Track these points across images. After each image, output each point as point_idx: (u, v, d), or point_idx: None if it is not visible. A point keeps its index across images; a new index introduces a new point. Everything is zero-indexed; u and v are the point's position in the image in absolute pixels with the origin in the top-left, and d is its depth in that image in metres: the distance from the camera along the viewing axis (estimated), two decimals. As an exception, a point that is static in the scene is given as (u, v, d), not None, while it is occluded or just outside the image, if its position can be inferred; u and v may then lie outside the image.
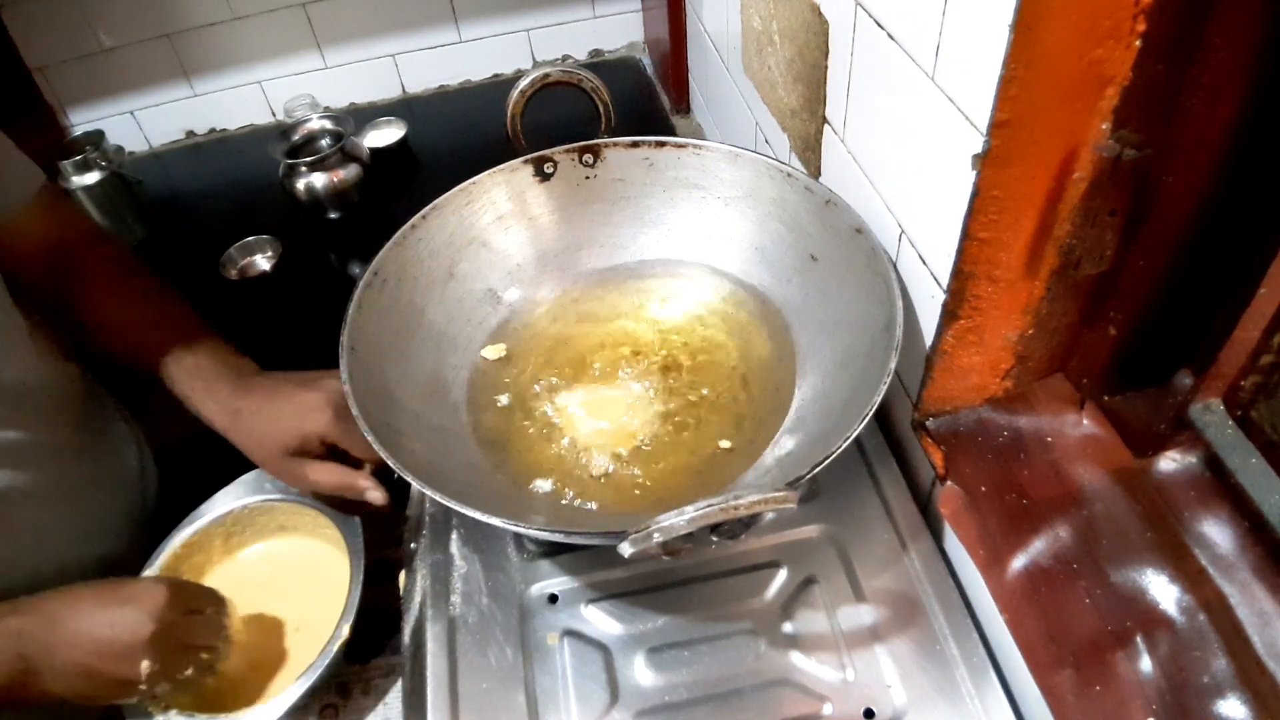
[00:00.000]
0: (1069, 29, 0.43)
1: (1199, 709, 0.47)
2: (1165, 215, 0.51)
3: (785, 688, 0.60)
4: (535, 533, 0.58)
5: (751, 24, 0.85)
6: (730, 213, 0.78)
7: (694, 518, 0.45)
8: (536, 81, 0.75)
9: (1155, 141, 0.48)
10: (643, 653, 0.62)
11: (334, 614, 0.68)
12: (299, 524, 0.77)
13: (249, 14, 1.23)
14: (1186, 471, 0.54)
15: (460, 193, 0.76)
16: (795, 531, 0.68)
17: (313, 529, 0.77)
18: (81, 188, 1.10)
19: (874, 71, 0.60)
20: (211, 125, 1.35)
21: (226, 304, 1.05)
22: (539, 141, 0.78)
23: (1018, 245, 0.53)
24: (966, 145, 0.49)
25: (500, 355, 0.75)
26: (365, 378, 0.64)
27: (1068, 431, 0.60)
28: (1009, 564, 0.55)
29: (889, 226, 0.64)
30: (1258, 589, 0.48)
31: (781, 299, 0.75)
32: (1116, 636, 0.50)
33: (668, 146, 0.78)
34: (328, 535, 0.76)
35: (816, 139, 0.74)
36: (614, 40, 1.42)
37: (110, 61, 1.23)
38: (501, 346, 0.76)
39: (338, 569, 0.73)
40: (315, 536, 0.77)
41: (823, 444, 0.57)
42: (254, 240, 1.10)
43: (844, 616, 0.63)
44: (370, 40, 1.31)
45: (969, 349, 0.59)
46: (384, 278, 0.71)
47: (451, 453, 0.67)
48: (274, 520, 0.77)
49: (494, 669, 0.62)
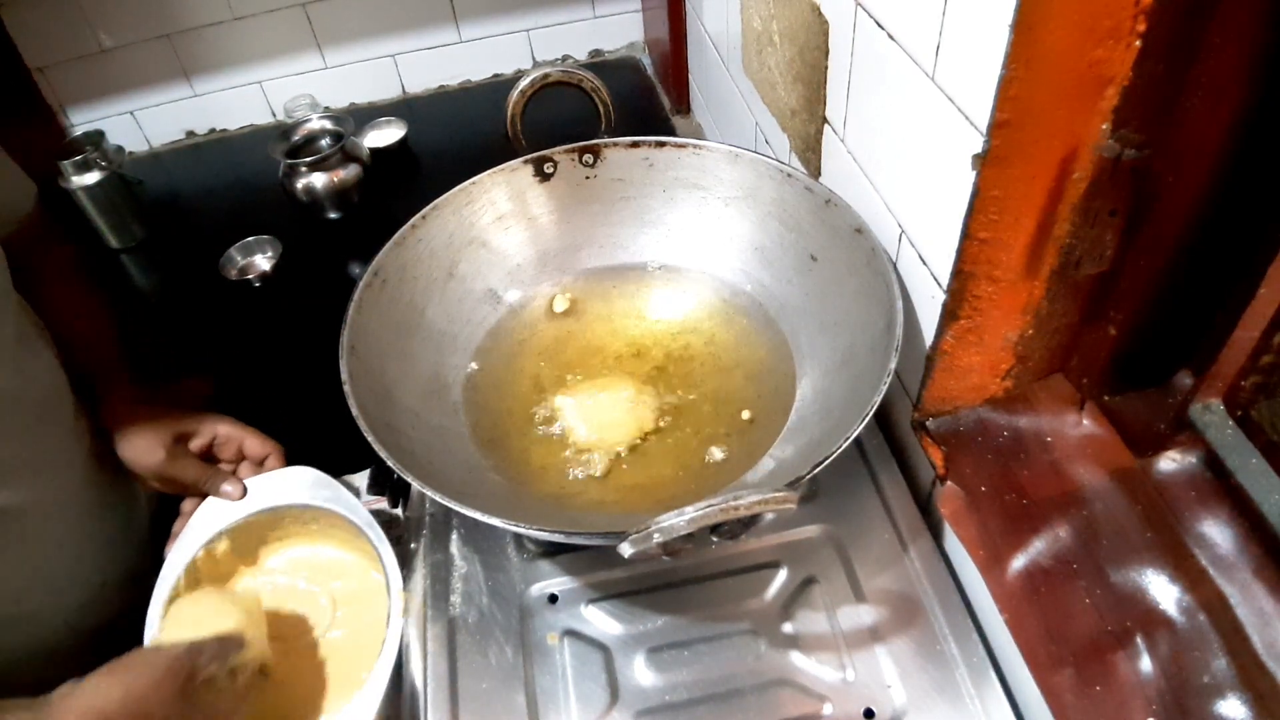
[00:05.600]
0: (1069, 29, 0.43)
1: (1199, 709, 0.47)
2: (1165, 215, 0.51)
3: (785, 688, 0.60)
4: (535, 533, 0.58)
5: (751, 24, 0.85)
6: (730, 213, 0.78)
7: (694, 518, 0.45)
8: (536, 81, 0.75)
9: (1155, 141, 0.48)
10: (643, 653, 0.62)
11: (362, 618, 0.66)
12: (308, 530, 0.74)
13: (249, 14, 1.23)
14: (1186, 471, 0.54)
15: (460, 193, 0.76)
16: (795, 531, 0.68)
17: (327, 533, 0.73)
18: (81, 188, 1.09)
19: (874, 71, 0.60)
20: (211, 125, 1.35)
21: (226, 304, 1.05)
22: (539, 141, 0.78)
23: (1018, 245, 0.53)
24: (966, 145, 0.49)
25: (565, 307, 0.79)
26: (365, 378, 0.64)
27: (1068, 431, 0.60)
28: (1009, 564, 0.55)
29: (889, 226, 0.64)
30: (1258, 589, 0.48)
31: (781, 299, 0.75)
32: (1116, 636, 0.50)
33: (668, 146, 0.78)
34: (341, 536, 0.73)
35: (816, 139, 0.74)
36: (614, 40, 1.42)
37: (110, 61, 1.22)
38: (568, 296, 0.80)
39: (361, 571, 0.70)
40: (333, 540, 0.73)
41: (823, 444, 0.57)
42: (254, 240, 1.10)
43: (844, 616, 0.63)
44: (370, 40, 1.31)
45: (969, 349, 0.59)
46: (384, 278, 0.71)
47: (451, 453, 0.67)
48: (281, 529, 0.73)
49: (494, 669, 0.62)
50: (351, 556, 0.72)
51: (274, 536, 0.74)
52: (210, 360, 0.99)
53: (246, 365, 0.99)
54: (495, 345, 0.77)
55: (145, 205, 1.18)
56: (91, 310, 0.80)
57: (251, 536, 0.72)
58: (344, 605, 0.69)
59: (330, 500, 0.70)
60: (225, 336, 1.03)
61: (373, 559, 0.68)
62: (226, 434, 0.74)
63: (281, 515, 0.72)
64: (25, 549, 0.67)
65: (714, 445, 0.69)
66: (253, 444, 0.74)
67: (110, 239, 1.15)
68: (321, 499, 0.71)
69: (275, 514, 0.72)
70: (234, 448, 0.75)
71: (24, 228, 0.76)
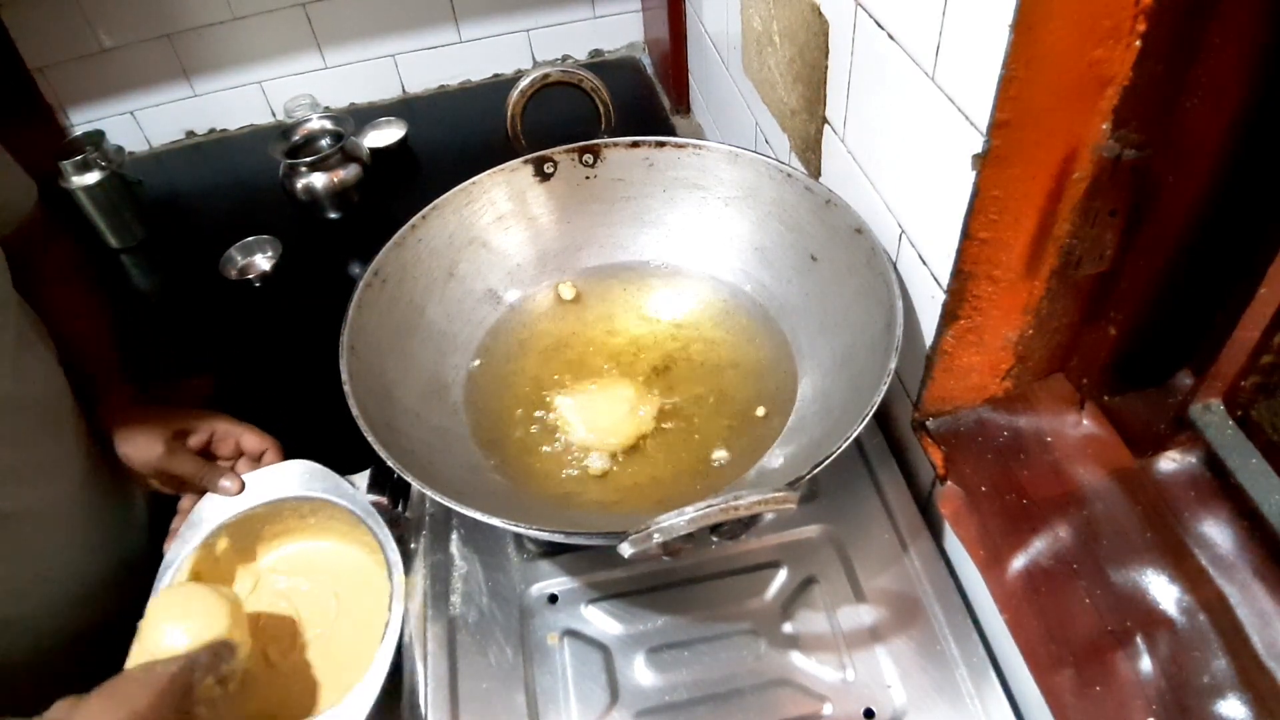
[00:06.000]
0: (1069, 29, 0.43)
1: (1199, 709, 0.47)
2: (1165, 215, 0.51)
3: (785, 688, 0.60)
4: (535, 533, 0.58)
5: (751, 24, 0.85)
6: (730, 213, 0.78)
7: (694, 518, 0.45)
8: (536, 81, 0.75)
9: (1155, 141, 0.48)
10: (643, 653, 0.62)
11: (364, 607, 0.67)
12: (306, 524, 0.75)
13: (249, 14, 1.23)
14: (1186, 471, 0.54)
15: (460, 193, 0.76)
16: (795, 531, 0.68)
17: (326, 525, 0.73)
18: (81, 188, 1.09)
19: (874, 71, 0.60)
20: (211, 125, 1.35)
21: (226, 304, 1.05)
22: (539, 141, 0.78)
23: (1018, 245, 0.53)
24: (966, 145, 0.49)
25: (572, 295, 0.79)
26: (365, 378, 0.64)
27: (1068, 431, 0.60)
28: (1009, 564, 0.55)
29: (889, 226, 0.64)
30: (1258, 589, 0.48)
31: (781, 299, 0.75)
32: (1116, 636, 0.50)
33: (668, 146, 0.78)
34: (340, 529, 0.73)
35: (816, 139, 0.74)
36: (614, 40, 1.42)
37: (110, 61, 1.22)
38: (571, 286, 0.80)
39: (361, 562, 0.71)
40: (332, 534, 0.74)
41: (823, 444, 0.57)
42: (254, 240, 1.10)
43: (844, 616, 0.63)
44: (370, 40, 1.31)
45: (969, 349, 0.59)
46: (384, 278, 0.71)
47: (451, 453, 0.67)
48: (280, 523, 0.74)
49: (494, 669, 0.62)
50: (351, 549, 0.72)
51: (272, 533, 0.74)
52: (210, 360, 0.99)
53: (246, 365, 0.99)
54: (495, 345, 0.77)
55: (145, 205, 1.18)
56: (91, 310, 0.80)
57: (250, 532, 0.72)
58: (346, 597, 0.70)
59: (328, 491, 0.71)
60: (225, 336, 1.03)
61: (373, 549, 0.68)
62: (224, 430, 0.75)
63: (280, 508, 0.72)
64: (25, 551, 0.67)
65: (714, 445, 0.69)
66: (250, 440, 0.75)
67: (110, 239, 1.15)
68: (319, 490, 0.71)
69: (273, 507, 0.72)
70: (231, 444, 0.75)
71: (24, 227, 0.76)
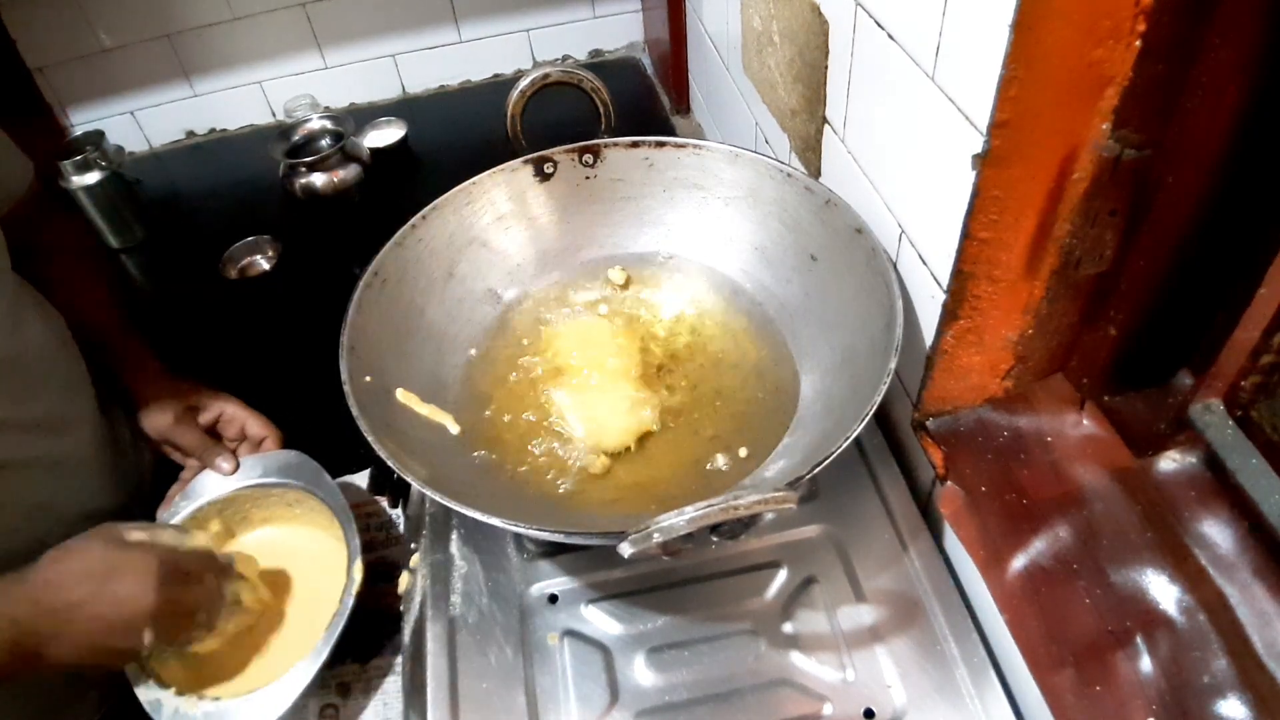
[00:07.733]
0: (1069, 29, 0.43)
1: (1199, 709, 0.47)
2: (1165, 215, 0.51)
3: (785, 688, 0.60)
4: (535, 533, 0.58)
5: (751, 24, 0.85)
6: (730, 213, 0.78)
7: (694, 518, 0.45)
8: (536, 81, 0.75)
9: (1155, 141, 0.48)
10: (643, 653, 0.62)
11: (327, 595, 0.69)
12: (292, 512, 0.78)
13: (249, 14, 1.23)
14: (1186, 471, 0.54)
15: (460, 193, 0.76)
16: (795, 531, 0.68)
17: (308, 517, 0.77)
18: (81, 188, 1.10)
19: (874, 71, 0.60)
20: (211, 125, 1.35)
21: (226, 304, 1.05)
22: (539, 141, 0.78)
23: (1018, 245, 0.53)
24: (966, 145, 0.49)
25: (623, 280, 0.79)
26: (365, 377, 0.64)
27: (1068, 431, 0.60)
28: (1009, 564, 0.55)
29: (889, 226, 0.64)
30: (1258, 589, 0.48)
31: (781, 299, 0.75)
32: (1116, 636, 0.50)
33: (668, 146, 0.78)
34: (321, 521, 0.76)
35: (816, 139, 0.74)
36: (614, 40, 1.42)
37: (110, 61, 1.23)
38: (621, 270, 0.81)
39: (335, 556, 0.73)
40: (312, 524, 0.78)
41: (823, 444, 0.57)
42: (254, 240, 1.10)
43: (844, 616, 0.63)
44: (370, 40, 1.31)
45: (969, 349, 0.59)
46: (384, 278, 0.71)
47: (451, 452, 0.67)
48: (266, 509, 0.78)
49: (494, 669, 0.62)
50: (330, 540, 0.76)
51: (260, 516, 0.79)
52: (210, 360, 0.99)
53: (246, 365, 0.99)
54: (495, 345, 0.77)
55: (145, 205, 1.18)
56: (96, 283, 0.84)
57: (238, 511, 0.78)
58: (311, 584, 0.75)
59: (311, 483, 0.76)
60: (225, 336, 1.03)
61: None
62: (232, 413, 0.80)
63: (268, 494, 0.78)
64: (34, 500, 0.70)
65: (714, 445, 0.69)
66: (254, 425, 0.80)
67: (110, 239, 1.16)
68: (303, 480, 0.76)
69: (260, 491, 0.77)
70: (237, 427, 0.80)
71: (21, 205, 0.78)
